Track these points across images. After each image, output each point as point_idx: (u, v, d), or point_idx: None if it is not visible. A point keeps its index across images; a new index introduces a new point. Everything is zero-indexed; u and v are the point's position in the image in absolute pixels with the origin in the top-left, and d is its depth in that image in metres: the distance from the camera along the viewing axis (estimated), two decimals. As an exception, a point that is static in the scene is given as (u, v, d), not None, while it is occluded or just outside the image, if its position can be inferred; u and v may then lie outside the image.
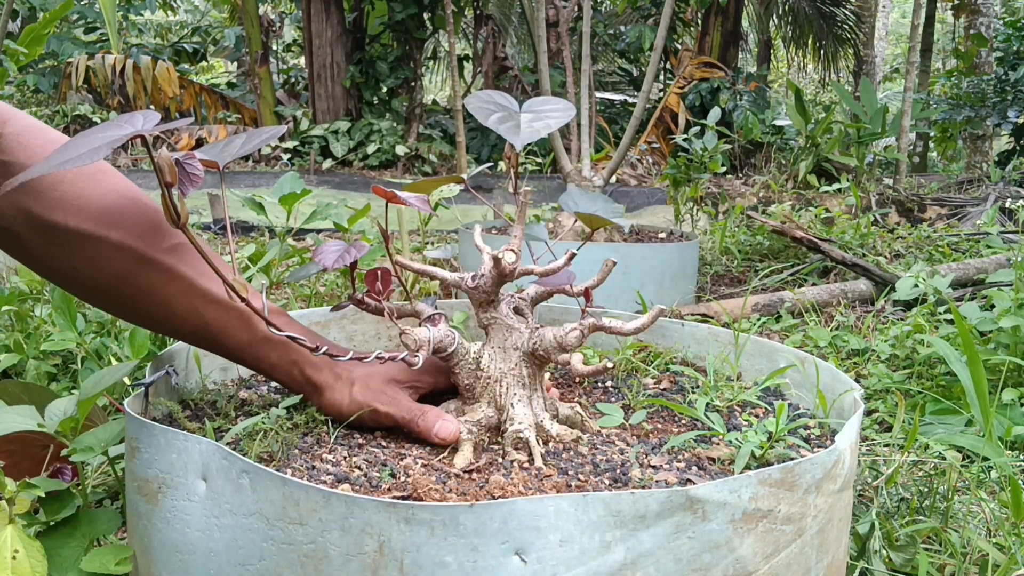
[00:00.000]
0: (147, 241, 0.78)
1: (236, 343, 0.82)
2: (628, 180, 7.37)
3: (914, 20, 6.37)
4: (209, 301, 0.80)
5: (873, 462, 1.23)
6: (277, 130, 0.77)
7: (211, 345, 0.83)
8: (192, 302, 0.79)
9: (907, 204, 4.54)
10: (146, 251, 0.78)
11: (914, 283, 2.04)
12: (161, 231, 0.80)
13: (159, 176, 0.70)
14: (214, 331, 0.81)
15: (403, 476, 0.67)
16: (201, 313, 0.80)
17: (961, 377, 1.37)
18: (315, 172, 8.60)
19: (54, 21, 3.18)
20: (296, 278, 0.96)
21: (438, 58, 14.17)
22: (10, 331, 1.61)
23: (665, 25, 2.98)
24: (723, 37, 9.73)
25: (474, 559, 0.56)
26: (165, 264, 0.78)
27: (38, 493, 0.90)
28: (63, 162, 0.62)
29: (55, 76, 10.20)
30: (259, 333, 0.81)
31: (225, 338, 0.81)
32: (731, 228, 3.55)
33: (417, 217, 2.99)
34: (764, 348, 1.01)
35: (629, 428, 0.81)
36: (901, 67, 18.63)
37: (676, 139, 3.45)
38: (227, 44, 13.09)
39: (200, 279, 0.79)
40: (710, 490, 0.59)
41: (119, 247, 0.77)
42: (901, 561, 0.98)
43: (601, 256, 0.81)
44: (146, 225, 0.79)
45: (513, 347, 0.77)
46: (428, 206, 0.81)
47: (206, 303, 0.80)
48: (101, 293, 0.81)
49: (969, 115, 7.10)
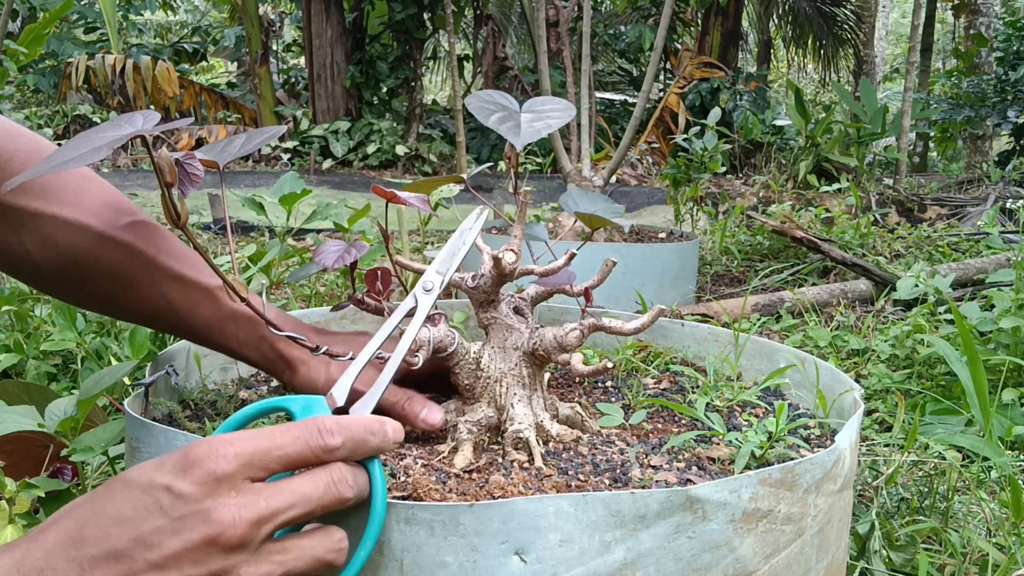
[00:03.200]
0: (103, 218, 0.76)
1: (202, 322, 0.78)
2: (628, 180, 7.37)
3: (914, 20, 6.38)
4: (171, 279, 0.77)
5: (873, 462, 1.23)
6: (277, 130, 0.77)
7: (176, 326, 0.80)
8: (154, 280, 0.77)
9: (907, 204, 4.54)
10: (102, 228, 0.75)
11: (914, 283, 2.04)
12: (117, 208, 0.77)
13: (159, 176, 0.70)
14: (179, 310, 0.78)
15: (403, 476, 0.67)
16: (164, 292, 0.77)
17: (961, 377, 1.37)
18: (315, 172, 8.60)
19: (54, 21, 3.18)
20: (296, 278, 0.96)
21: (438, 58, 14.18)
22: (10, 331, 1.61)
23: (665, 25, 2.98)
24: (723, 37, 9.73)
25: (474, 559, 0.56)
26: (123, 241, 0.76)
27: (38, 493, 0.90)
28: (63, 162, 0.62)
29: (55, 76, 10.20)
30: (225, 309, 0.78)
31: (191, 317, 0.78)
32: (731, 228, 3.55)
33: (417, 217, 2.99)
34: (764, 348, 1.01)
35: (629, 428, 0.81)
36: (901, 67, 18.64)
37: (676, 139, 3.45)
38: (227, 44, 13.09)
39: (160, 256, 0.77)
40: (710, 490, 0.59)
41: (74, 225, 0.75)
42: (901, 561, 0.98)
43: (601, 256, 0.81)
44: (101, 203, 0.77)
45: (513, 347, 0.77)
46: (428, 206, 0.81)
47: (168, 281, 0.77)
48: (60, 278, 0.78)
49: (969, 115, 7.10)
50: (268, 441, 0.52)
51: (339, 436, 0.54)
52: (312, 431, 0.54)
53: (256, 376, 0.98)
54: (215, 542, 0.49)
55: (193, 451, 0.51)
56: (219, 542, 0.49)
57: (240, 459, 0.51)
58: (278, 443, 0.53)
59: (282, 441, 0.53)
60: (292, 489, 0.52)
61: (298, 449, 0.53)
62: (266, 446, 0.52)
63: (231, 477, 0.51)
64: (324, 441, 0.54)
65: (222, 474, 0.50)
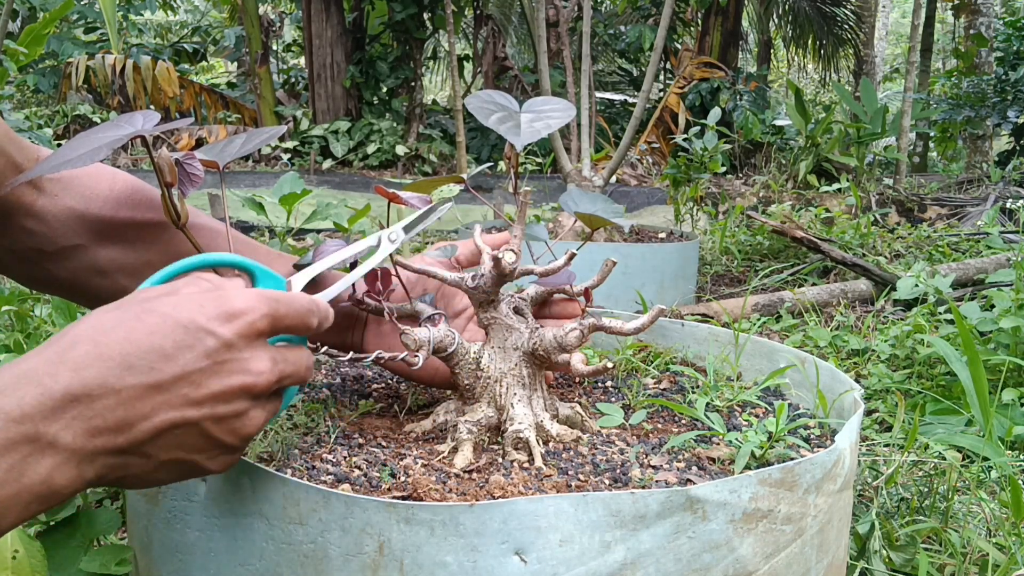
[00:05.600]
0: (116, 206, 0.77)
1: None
2: (628, 180, 7.37)
3: (914, 20, 6.38)
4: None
5: (873, 462, 1.23)
6: (277, 130, 0.77)
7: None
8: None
9: (907, 204, 4.54)
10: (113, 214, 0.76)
11: (914, 283, 2.04)
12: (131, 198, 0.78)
13: (159, 176, 0.70)
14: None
15: (403, 476, 0.67)
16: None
17: (961, 377, 1.37)
18: (315, 172, 8.60)
19: (54, 21, 3.18)
20: (296, 278, 0.96)
21: (438, 58, 14.17)
22: (10, 331, 1.61)
23: (665, 25, 2.98)
24: (723, 37, 9.73)
25: (474, 559, 0.56)
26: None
27: (38, 493, 0.90)
28: (64, 162, 0.62)
29: (55, 76, 10.20)
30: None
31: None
32: (731, 228, 3.55)
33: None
34: (764, 348, 1.01)
35: (629, 428, 0.81)
36: (901, 67, 18.64)
37: (676, 139, 3.45)
38: (227, 44, 13.09)
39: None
40: (710, 490, 0.59)
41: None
42: (901, 561, 0.98)
43: (601, 256, 0.81)
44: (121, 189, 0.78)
45: (513, 347, 0.77)
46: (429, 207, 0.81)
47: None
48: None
49: (969, 115, 7.10)
50: (286, 308, 0.59)
51: (316, 318, 0.62)
52: (310, 310, 0.61)
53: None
54: (248, 389, 0.55)
55: (234, 302, 0.56)
56: (251, 389, 0.56)
57: (270, 319, 0.57)
58: (290, 312, 0.59)
59: (291, 311, 0.59)
60: (296, 358, 0.60)
61: (297, 322, 0.60)
62: (284, 312, 0.59)
63: (263, 334, 0.57)
64: (312, 322, 0.61)
65: (260, 330, 0.56)
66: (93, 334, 0.52)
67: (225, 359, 0.54)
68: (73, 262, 0.75)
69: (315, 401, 0.86)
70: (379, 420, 0.82)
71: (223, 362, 0.54)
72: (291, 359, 0.59)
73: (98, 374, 0.50)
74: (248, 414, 0.56)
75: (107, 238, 0.75)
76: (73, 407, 0.49)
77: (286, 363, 0.59)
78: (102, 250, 0.75)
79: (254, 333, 0.56)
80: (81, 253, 0.75)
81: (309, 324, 0.61)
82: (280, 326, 0.58)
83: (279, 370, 0.58)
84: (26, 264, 0.76)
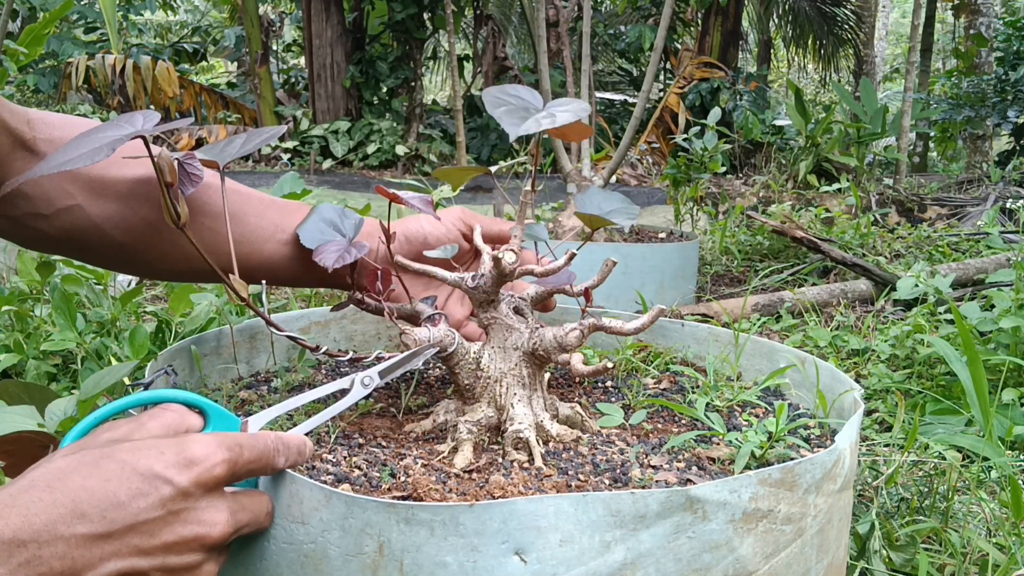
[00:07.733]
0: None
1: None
2: (628, 180, 7.37)
3: (914, 20, 6.37)
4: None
5: (873, 462, 1.23)
6: (277, 130, 0.77)
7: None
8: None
9: (907, 204, 4.54)
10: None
11: (914, 283, 2.04)
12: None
13: (159, 176, 0.70)
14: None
15: (403, 476, 0.67)
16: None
17: (961, 377, 1.37)
18: (315, 172, 8.60)
19: (54, 21, 3.18)
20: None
21: (438, 58, 14.18)
22: (10, 331, 1.61)
23: (665, 25, 2.98)
24: (723, 37, 9.73)
25: (474, 559, 0.56)
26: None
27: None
28: (64, 162, 0.62)
29: (55, 76, 10.20)
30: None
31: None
32: (731, 228, 3.55)
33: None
34: (764, 348, 1.01)
35: (629, 428, 0.81)
36: (901, 67, 18.64)
37: (676, 139, 3.45)
38: (227, 44, 13.10)
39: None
40: (710, 490, 0.59)
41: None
42: (901, 561, 0.98)
43: (601, 256, 0.81)
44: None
45: (513, 347, 0.77)
46: (431, 207, 0.81)
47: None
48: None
49: (969, 115, 7.10)
50: (249, 452, 0.57)
51: (283, 457, 0.60)
52: (276, 448, 0.60)
53: (256, 376, 0.98)
54: (201, 540, 0.54)
55: (193, 449, 0.55)
56: (204, 540, 0.54)
57: (229, 466, 0.56)
58: (252, 456, 0.58)
59: (253, 455, 0.58)
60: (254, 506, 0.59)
61: (261, 465, 0.59)
62: (248, 457, 0.57)
63: (221, 482, 0.55)
64: (279, 462, 0.60)
65: (217, 477, 0.55)
66: (50, 479, 0.51)
67: (180, 508, 0.53)
68: (68, 221, 0.76)
69: (315, 401, 0.86)
70: (379, 420, 0.82)
71: (178, 512, 0.53)
72: (249, 507, 0.58)
73: (48, 521, 0.49)
74: (201, 567, 0.55)
75: (100, 195, 0.76)
76: (20, 552, 0.48)
77: (243, 511, 0.57)
78: (95, 206, 0.76)
79: (212, 481, 0.54)
80: (76, 211, 0.76)
81: (275, 465, 0.59)
82: (241, 471, 0.57)
83: (236, 520, 0.56)
84: (21, 227, 0.77)
